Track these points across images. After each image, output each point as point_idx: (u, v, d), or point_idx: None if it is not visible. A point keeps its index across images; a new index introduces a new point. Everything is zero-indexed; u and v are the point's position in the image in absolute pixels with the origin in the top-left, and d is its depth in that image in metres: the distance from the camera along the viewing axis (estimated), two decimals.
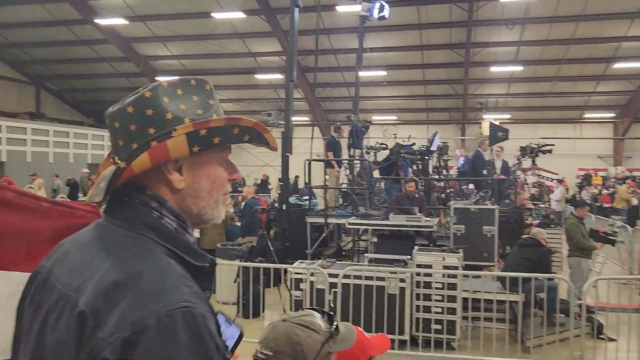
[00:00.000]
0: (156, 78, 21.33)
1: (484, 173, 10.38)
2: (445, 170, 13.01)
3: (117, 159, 1.04)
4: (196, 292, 0.93)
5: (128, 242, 0.99)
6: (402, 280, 6.36)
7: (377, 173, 12.16)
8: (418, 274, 6.46)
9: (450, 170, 14.17)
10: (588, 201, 20.01)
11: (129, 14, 20.11)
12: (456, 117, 25.62)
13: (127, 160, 1.01)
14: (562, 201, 17.14)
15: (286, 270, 7.10)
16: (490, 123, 13.12)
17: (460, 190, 11.88)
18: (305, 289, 6.44)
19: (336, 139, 11.65)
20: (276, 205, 10.83)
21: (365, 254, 7.97)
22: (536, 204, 16.68)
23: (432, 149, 10.64)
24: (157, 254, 0.97)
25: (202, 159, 1.07)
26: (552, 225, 12.04)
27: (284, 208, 9.59)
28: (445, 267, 6.54)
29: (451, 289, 6.40)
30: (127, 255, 0.95)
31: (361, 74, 15.28)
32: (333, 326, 1.62)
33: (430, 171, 11.97)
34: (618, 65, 20.50)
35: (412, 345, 6.25)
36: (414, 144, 10.96)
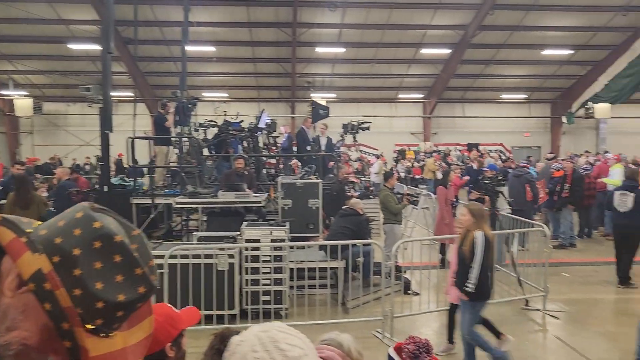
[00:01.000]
0: None
1: (307, 149, 10.86)
2: (275, 147, 13.32)
3: None
4: None
5: None
6: (231, 256, 6.44)
7: (207, 151, 11.97)
8: (247, 249, 6.61)
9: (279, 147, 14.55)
10: (402, 174, 22.32)
11: None
12: (286, 95, 26.28)
13: None
14: (380, 174, 18.74)
15: None
16: (312, 101, 13.70)
17: (288, 166, 12.28)
18: None
19: (163, 116, 11.18)
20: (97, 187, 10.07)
21: (194, 233, 7.87)
22: (359, 177, 18.08)
23: (260, 126, 10.78)
24: None
25: None
26: (372, 197, 13.18)
27: (105, 189, 8.96)
28: (273, 240, 6.79)
29: (278, 261, 6.68)
30: None
31: (189, 48, 14.78)
32: None
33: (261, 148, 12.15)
34: (425, 51, 22.88)
35: (242, 318, 6.40)
36: (242, 121, 11.00)
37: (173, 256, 6.16)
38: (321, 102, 16.09)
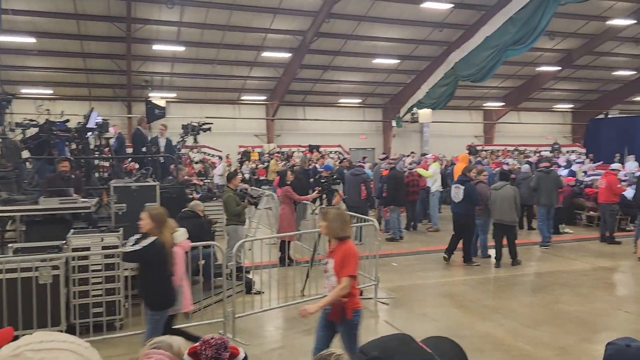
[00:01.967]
0: None
1: (143, 150, 10.34)
2: (108, 149, 12.44)
3: None
4: None
5: None
6: (55, 267, 5.87)
7: (28, 153, 10.74)
8: (74, 259, 6.07)
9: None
10: (247, 175, 22.40)
11: None
12: (121, 94, 24.66)
13: None
14: (224, 175, 18.57)
15: None
16: (147, 101, 13.13)
17: (121, 169, 11.56)
18: None
19: None
20: None
21: (10, 245, 7.00)
22: (202, 179, 17.73)
23: (89, 126, 9.97)
24: None
25: None
26: (215, 198, 13.01)
27: None
28: (105, 248, 6.34)
29: (111, 270, 6.25)
30: None
31: (2, 39, 13.09)
32: None
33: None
34: (266, 54, 23.22)
35: (70, 334, 5.84)
36: (68, 121, 10.07)
37: None
38: (159, 102, 15.48)
